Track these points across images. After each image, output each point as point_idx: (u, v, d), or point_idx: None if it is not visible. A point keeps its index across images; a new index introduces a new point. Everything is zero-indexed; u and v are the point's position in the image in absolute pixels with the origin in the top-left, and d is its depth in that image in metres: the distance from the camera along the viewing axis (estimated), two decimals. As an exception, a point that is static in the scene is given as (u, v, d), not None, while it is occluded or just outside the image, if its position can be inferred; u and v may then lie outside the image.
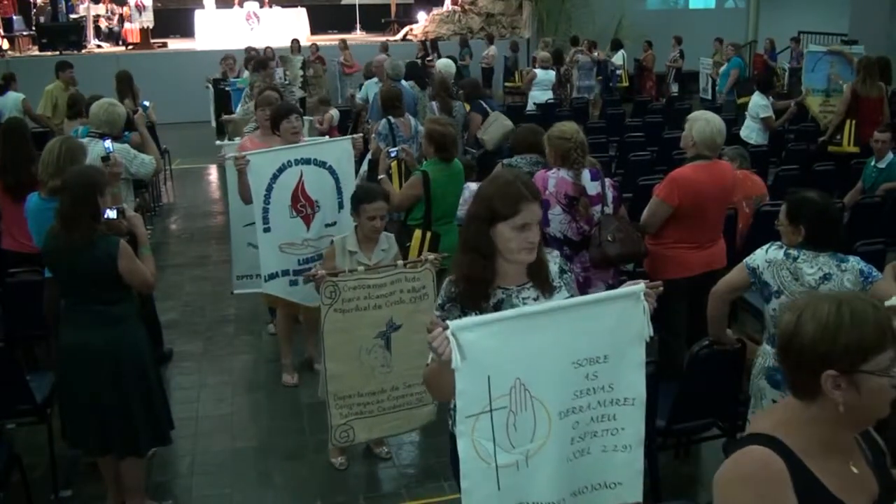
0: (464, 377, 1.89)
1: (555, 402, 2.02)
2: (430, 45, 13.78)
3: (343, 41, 14.44)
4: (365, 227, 3.73)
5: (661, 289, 2.09)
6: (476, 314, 2.09)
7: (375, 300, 3.47)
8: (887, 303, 2.18)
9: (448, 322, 1.88)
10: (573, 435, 2.09)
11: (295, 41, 13.35)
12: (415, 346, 3.41)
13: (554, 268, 2.30)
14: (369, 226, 3.70)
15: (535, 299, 2.21)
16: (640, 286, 2.06)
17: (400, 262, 3.56)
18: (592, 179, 3.87)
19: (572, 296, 2.29)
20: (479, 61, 14.29)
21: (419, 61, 11.41)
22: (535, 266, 2.22)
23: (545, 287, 2.24)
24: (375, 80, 8.31)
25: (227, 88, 9.18)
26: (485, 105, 7.29)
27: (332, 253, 3.79)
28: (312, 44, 13.78)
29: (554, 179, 3.84)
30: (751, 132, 8.01)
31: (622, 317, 2.05)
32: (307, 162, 4.42)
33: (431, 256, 3.55)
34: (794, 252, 2.96)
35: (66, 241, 3.14)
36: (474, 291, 2.16)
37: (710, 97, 12.40)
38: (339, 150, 4.59)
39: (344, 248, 3.75)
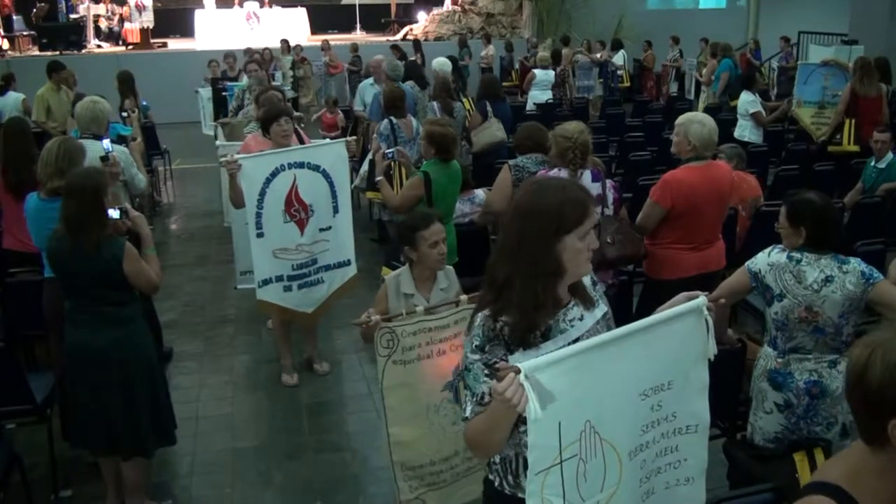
0: (537, 428, 1.63)
1: (624, 442, 1.82)
2: (414, 46, 13.75)
3: (325, 41, 14.45)
4: (429, 259, 3.15)
5: (723, 301, 1.93)
6: (522, 350, 1.85)
7: (439, 345, 2.94)
8: None
9: (519, 364, 1.62)
10: (641, 476, 1.90)
11: (284, 41, 13.34)
12: None
13: (587, 280, 2.06)
14: (434, 255, 3.13)
15: (581, 319, 1.97)
16: (701, 300, 1.86)
17: (464, 297, 2.97)
18: (593, 181, 3.87)
19: (609, 309, 2.08)
20: (479, 62, 14.32)
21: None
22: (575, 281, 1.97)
23: (587, 302, 2.01)
24: (371, 80, 8.30)
25: (223, 93, 9.14)
26: (487, 107, 7.30)
27: (383, 295, 3.21)
28: (297, 45, 13.78)
29: None
30: (744, 130, 8.08)
31: (685, 336, 1.86)
32: (300, 165, 4.38)
33: None
34: (796, 255, 2.96)
35: (71, 244, 3.12)
36: (532, 324, 1.87)
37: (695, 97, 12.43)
38: (333, 154, 4.53)
39: (398, 289, 3.19)
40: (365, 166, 6.66)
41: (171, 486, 3.83)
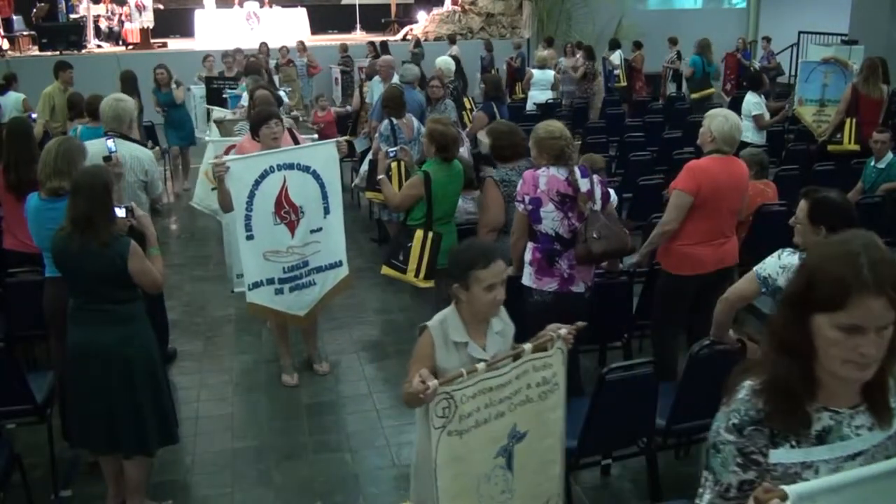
0: None
1: None
2: (380, 47, 13.78)
3: (301, 42, 14.32)
4: (480, 302, 2.54)
5: None
6: (793, 445, 1.52)
7: (498, 406, 2.44)
8: None
9: (785, 487, 1.32)
10: None
11: (263, 44, 13.26)
12: (539, 456, 2.64)
13: (891, 383, 1.61)
14: (487, 299, 2.54)
15: (869, 429, 1.58)
16: None
17: (528, 346, 2.50)
18: (582, 177, 3.88)
19: None
20: None
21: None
22: (875, 383, 1.55)
23: (884, 414, 1.58)
24: (377, 78, 8.32)
25: (224, 96, 9.12)
26: (494, 108, 7.30)
27: (427, 350, 2.58)
28: (283, 47, 13.73)
29: (545, 178, 3.82)
30: (746, 131, 8.01)
31: None
32: (290, 167, 4.35)
33: (563, 331, 2.53)
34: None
35: (79, 243, 3.12)
36: (786, 409, 1.52)
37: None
38: (324, 154, 4.49)
39: (446, 338, 2.59)
40: (365, 166, 6.67)
41: (171, 486, 3.83)
